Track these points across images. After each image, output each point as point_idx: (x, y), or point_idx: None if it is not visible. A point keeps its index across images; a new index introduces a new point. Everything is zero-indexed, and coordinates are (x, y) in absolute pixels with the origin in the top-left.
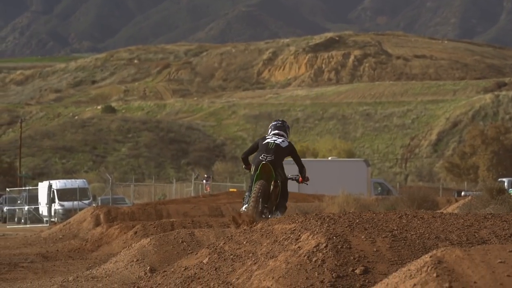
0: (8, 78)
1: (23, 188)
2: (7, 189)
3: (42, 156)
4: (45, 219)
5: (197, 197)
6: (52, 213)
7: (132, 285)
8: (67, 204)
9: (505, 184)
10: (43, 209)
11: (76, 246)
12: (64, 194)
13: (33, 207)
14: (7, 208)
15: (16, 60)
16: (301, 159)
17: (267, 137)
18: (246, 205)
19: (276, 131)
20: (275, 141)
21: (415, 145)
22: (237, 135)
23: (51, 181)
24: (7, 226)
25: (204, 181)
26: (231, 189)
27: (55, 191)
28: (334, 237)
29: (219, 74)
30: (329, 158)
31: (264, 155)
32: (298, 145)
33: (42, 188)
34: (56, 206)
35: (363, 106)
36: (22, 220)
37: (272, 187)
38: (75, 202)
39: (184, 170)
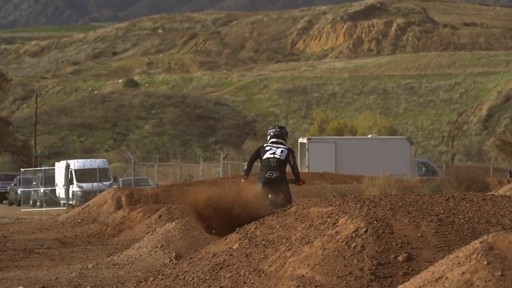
0: (22, 49)
1: (39, 168)
2: (21, 169)
3: (59, 134)
4: (62, 201)
5: (226, 178)
6: (70, 195)
7: (156, 272)
8: (86, 185)
9: None
10: (60, 191)
11: (96, 231)
12: (82, 175)
13: (49, 189)
14: (22, 190)
15: (30, 29)
16: (339, 137)
17: (266, 147)
18: None
19: (275, 139)
20: (275, 155)
21: (463, 121)
22: (269, 111)
23: (69, 161)
24: (22, 210)
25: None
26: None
27: (73, 172)
28: (375, 221)
29: (249, 45)
30: (369, 136)
31: (269, 173)
32: (335, 122)
33: (59, 168)
34: (74, 187)
35: (406, 79)
36: (38, 203)
37: None
38: (95, 184)
39: (212, 149)
